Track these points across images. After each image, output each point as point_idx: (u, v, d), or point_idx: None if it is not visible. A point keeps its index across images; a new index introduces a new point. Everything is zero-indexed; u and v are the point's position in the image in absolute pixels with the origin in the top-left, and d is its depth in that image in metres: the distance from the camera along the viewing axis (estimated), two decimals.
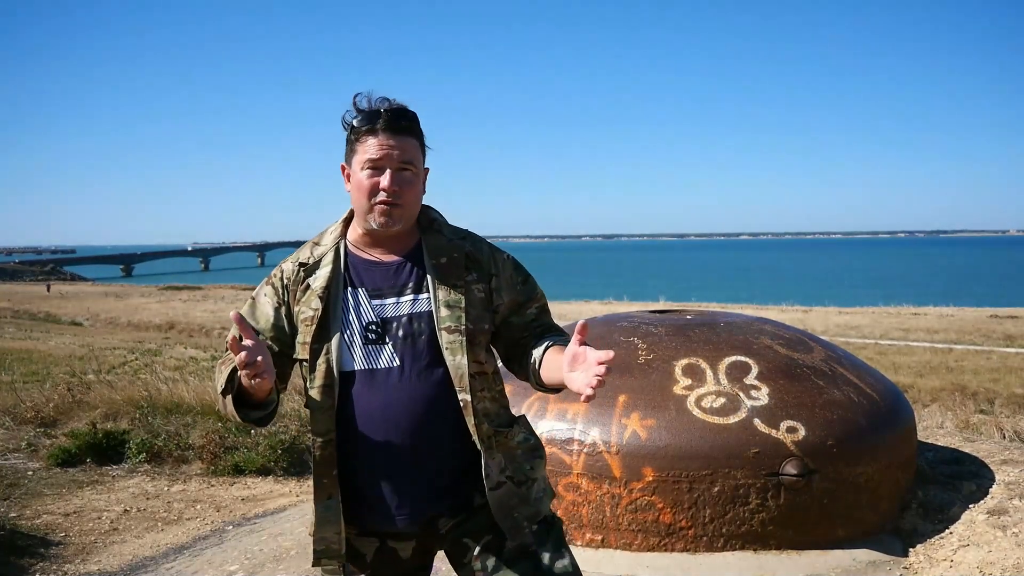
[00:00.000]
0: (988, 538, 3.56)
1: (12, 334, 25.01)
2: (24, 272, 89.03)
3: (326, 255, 1.87)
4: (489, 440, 1.82)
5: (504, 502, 1.83)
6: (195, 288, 58.47)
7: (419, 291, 1.84)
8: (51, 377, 10.78)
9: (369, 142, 1.79)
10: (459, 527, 1.87)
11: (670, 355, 3.92)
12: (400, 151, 1.79)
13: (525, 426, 1.95)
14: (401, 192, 1.79)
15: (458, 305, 1.81)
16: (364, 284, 1.85)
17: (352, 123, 1.82)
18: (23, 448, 6.22)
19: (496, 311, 1.89)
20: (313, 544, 1.84)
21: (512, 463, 1.86)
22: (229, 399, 1.72)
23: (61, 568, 4.29)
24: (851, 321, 28.66)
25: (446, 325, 1.80)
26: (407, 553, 1.89)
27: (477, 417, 1.80)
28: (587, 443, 3.63)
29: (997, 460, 4.59)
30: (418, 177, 1.83)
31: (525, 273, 1.97)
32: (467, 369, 1.79)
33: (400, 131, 1.79)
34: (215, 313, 38.20)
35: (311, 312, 1.81)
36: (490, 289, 1.88)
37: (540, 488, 1.91)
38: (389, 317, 1.82)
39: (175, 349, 21.32)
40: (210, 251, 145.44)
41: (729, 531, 3.52)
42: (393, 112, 1.79)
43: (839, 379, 3.94)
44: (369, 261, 1.87)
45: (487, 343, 1.90)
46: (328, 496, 1.81)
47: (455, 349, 1.79)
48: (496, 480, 1.82)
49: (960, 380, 15.44)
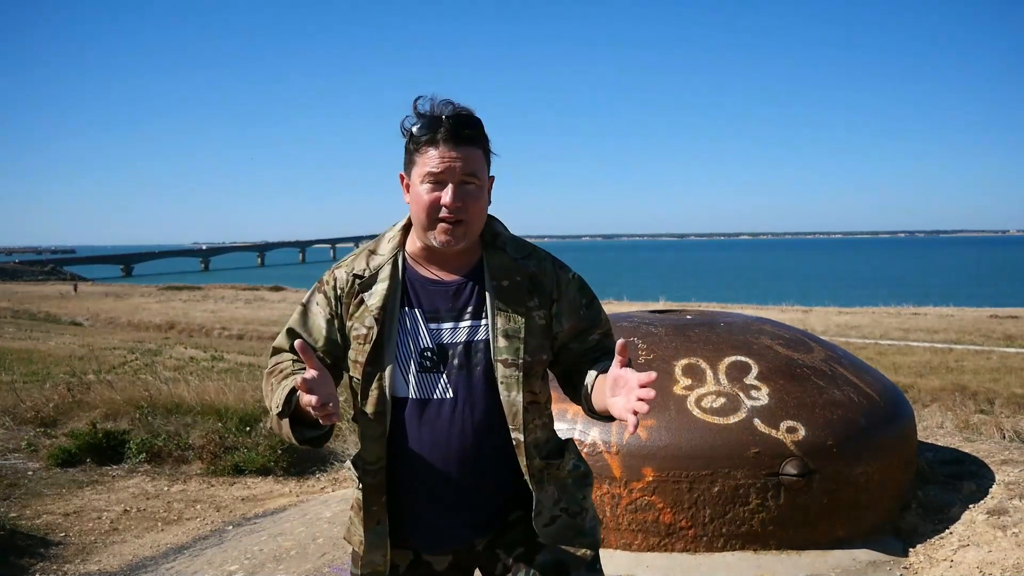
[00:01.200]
0: (988, 538, 3.56)
1: (12, 334, 25.00)
2: (24, 272, 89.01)
3: (383, 268, 1.76)
4: (540, 474, 1.77)
5: (562, 536, 1.78)
6: (195, 288, 58.46)
7: (478, 316, 1.75)
8: (51, 377, 10.78)
9: (429, 153, 1.66)
10: (494, 541, 1.84)
11: (670, 355, 3.92)
12: (463, 163, 1.66)
13: (574, 452, 1.89)
14: (465, 207, 1.68)
15: (517, 335, 1.72)
16: (422, 305, 1.75)
17: (412, 131, 1.69)
18: (23, 448, 6.22)
19: (556, 337, 1.80)
20: (360, 567, 1.81)
21: (565, 494, 1.81)
22: (287, 422, 1.64)
23: (61, 568, 4.29)
24: (851, 321, 28.65)
25: (503, 357, 1.72)
26: (442, 567, 1.86)
27: (528, 454, 1.75)
28: (587, 443, 3.63)
29: (997, 460, 4.59)
30: (482, 190, 1.72)
31: (590, 295, 1.87)
32: (521, 405, 1.72)
33: (463, 141, 1.67)
34: (215, 313, 38.19)
35: (364, 330, 1.73)
36: (551, 314, 1.78)
37: (592, 516, 1.87)
38: (446, 344, 1.74)
39: (175, 349, 21.32)
40: (210, 251, 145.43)
41: (729, 531, 3.51)
42: (456, 120, 1.66)
43: (839, 379, 3.94)
44: (428, 279, 1.77)
45: (544, 372, 1.82)
46: (377, 522, 1.77)
47: (510, 384, 1.72)
48: (550, 515, 1.77)
49: (960, 380, 15.44)
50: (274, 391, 1.71)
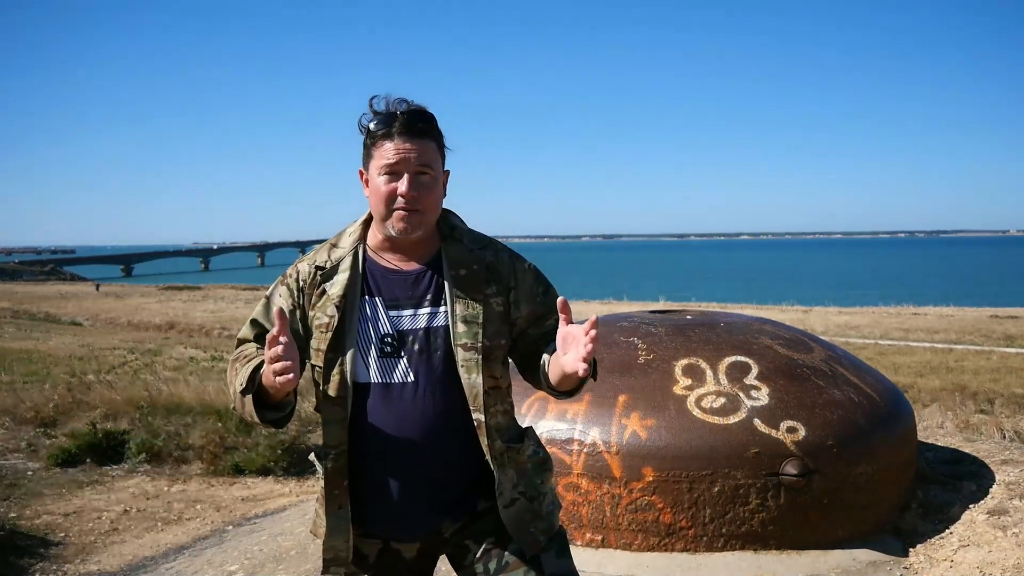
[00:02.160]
0: (988, 538, 3.56)
1: (12, 334, 24.99)
2: (24, 272, 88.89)
3: (344, 259, 1.83)
4: (501, 456, 1.82)
5: (519, 517, 1.82)
6: (195, 288, 58.46)
7: (437, 304, 1.81)
8: (51, 377, 10.78)
9: (386, 146, 1.75)
10: (462, 531, 1.87)
11: (670, 355, 3.92)
12: (418, 155, 1.74)
13: (534, 439, 1.94)
14: (420, 197, 1.75)
15: (475, 320, 1.79)
16: (381, 293, 1.81)
17: (368, 127, 1.78)
18: (23, 448, 6.22)
19: (514, 324, 1.87)
20: (322, 552, 1.84)
21: (524, 478, 1.85)
22: (249, 398, 1.69)
23: (61, 568, 4.29)
24: (851, 321, 28.65)
25: (462, 342, 1.78)
26: (411, 554, 1.89)
27: (490, 435, 1.80)
28: (587, 443, 3.63)
29: (997, 460, 4.59)
30: (437, 181, 1.79)
31: (546, 283, 1.93)
32: (482, 387, 1.78)
33: (417, 134, 1.75)
34: (215, 313, 38.18)
35: (326, 319, 1.78)
36: (508, 302, 1.85)
37: (550, 501, 1.91)
38: (406, 330, 1.79)
39: (175, 349, 21.30)
40: (210, 251, 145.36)
41: (729, 531, 3.52)
42: (410, 115, 1.75)
43: (839, 379, 3.94)
44: (388, 269, 1.84)
45: (503, 357, 1.87)
46: (339, 506, 1.81)
47: (470, 367, 1.77)
48: (509, 497, 1.82)
49: (960, 380, 15.43)
50: (237, 373, 1.76)
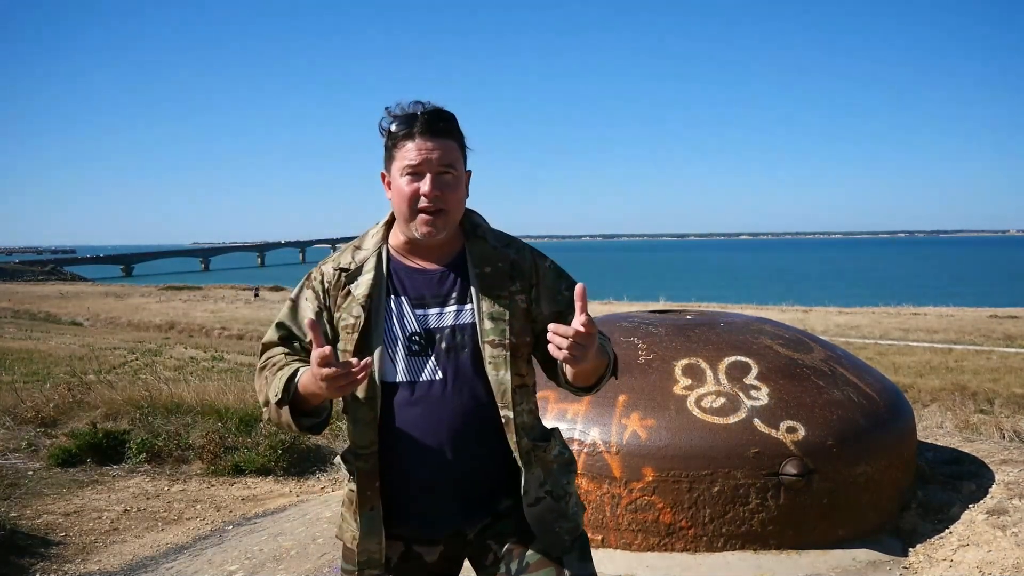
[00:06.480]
0: (988, 538, 3.56)
1: (12, 334, 25.02)
2: (24, 272, 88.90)
3: (368, 260, 1.82)
4: (528, 455, 1.81)
5: (544, 517, 1.81)
6: (195, 288, 58.48)
7: (463, 302, 1.80)
8: (51, 377, 10.80)
9: (407, 147, 1.73)
10: (484, 531, 1.86)
11: (670, 355, 3.92)
12: (440, 154, 1.73)
13: (559, 439, 1.93)
14: (443, 197, 1.74)
15: (502, 318, 1.78)
16: (407, 292, 1.80)
17: (389, 128, 1.76)
18: (23, 448, 6.22)
19: (536, 320, 1.85)
20: (357, 557, 1.83)
21: (550, 478, 1.85)
22: (286, 408, 1.69)
23: (61, 568, 4.30)
24: (851, 321, 28.67)
25: (490, 339, 1.77)
26: (432, 558, 1.88)
27: (518, 432, 1.79)
28: (587, 443, 3.64)
29: (997, 460, 4.59)
30: (460, 181, 1.78)
31: (569, 280, 1.92)
32: (510, 384, 1.77)
33: (438, 133, 1.73)
34: (215, 313, 38.21)
35: (352, 320, 1.77)
36: (531, 299, 1.84)
37: (575, 502, 1.91)
38: (432, 328, 1.79)
39: (175, 349, 21.34)
40: (210, 251, 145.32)
41: (729, 531, 3.52)
42: (430, 114, 1.73)
43: (839, 379, 3.94)
44: (412, 268, 1.82)
45: (529, 354, 1.87)
46: (371, 508, 1.79)
47: (498, 364, 1.77)
48: (535, 496, 1.81)
49: (960, 380, 15.45)
50: (269, 383, 1.74)
